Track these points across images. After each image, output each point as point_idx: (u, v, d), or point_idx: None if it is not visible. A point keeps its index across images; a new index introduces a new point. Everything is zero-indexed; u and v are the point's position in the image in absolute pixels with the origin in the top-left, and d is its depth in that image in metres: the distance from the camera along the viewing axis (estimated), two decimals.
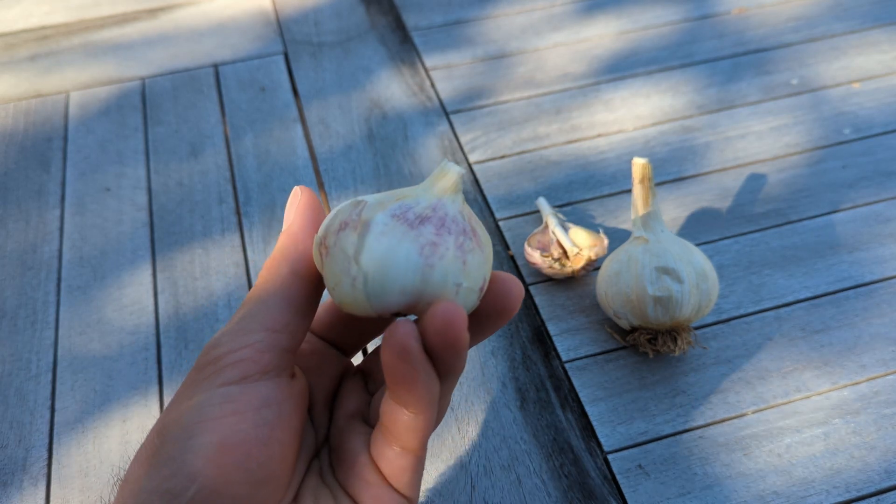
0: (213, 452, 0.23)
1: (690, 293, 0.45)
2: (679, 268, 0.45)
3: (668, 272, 0.45)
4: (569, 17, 0.78)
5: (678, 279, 0.45)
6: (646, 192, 0.48)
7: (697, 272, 0.46)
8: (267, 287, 0.26)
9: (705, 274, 0.46)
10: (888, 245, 0.56)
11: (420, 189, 0.25)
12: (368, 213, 0.24)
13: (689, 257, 0.46)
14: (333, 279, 0.24)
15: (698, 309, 0.46)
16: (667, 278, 0.45)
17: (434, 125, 0.67)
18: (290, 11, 0.80)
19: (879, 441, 0.45)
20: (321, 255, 0.25)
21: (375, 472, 0.26)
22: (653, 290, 0.45)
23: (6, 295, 0.55)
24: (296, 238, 0.26)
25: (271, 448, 0.24)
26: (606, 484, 0.44)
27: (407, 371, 0.23)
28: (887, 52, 0.72)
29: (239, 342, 0.24)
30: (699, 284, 0.45)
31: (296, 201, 0.27)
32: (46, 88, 0.72)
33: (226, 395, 0.24)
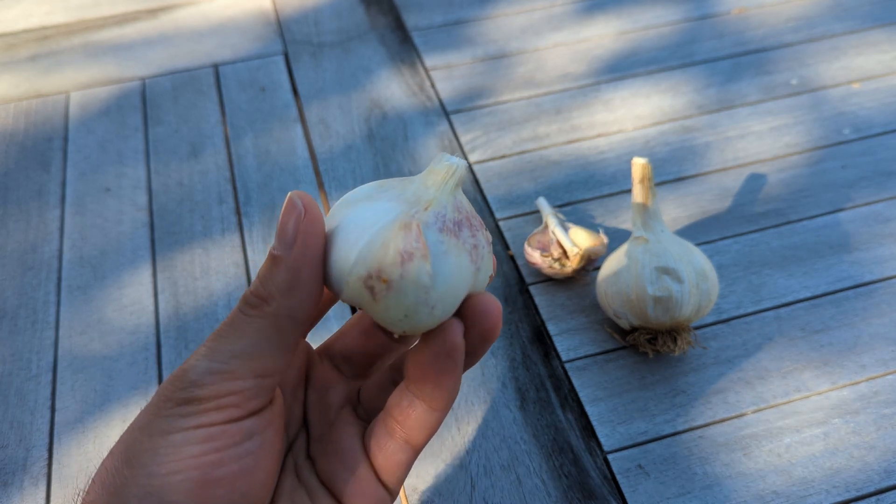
0: (196, 488, 0.22)
1: (690, 293, 0.45)
2: (679, 268, 0.45)
3: (668, 272, 0.45)
4: (569, 17, 0.78)
5: (678, 279, 0.45)
6: (646, 192, 0.48)
7: (697, 272, 0.46)
8: (260, 328, 0.24)
9: (705, 274, 0.46)
10: (888, 245, 0.56)
11: (430, 185, 0.24)
12: (425, 235, 0.23)
13: (689, 257, 0.46)
14: (403, 311, 0.24)
15: (698, 309, 0.46)
16: (667, 278, 0.45)
17: (434, 125, 0.67)
18: (290, 11, 0.80)
19: (879, 441, 0.45)
20: (373, 290, 0.23)
21: (367, 465, 0.26)
22: (653, 290, 0.45)
23: (6, 295, 0.55)
24: (297, 275, 0.23)
25: (255, 475, 0.24)
26: (606, 484, 0.44)
27: (450, 367, 0.24)
28: (887, 52, 0.72)
29: (226, 388, 0.23)
30: (699, 284, 0.45)
31: (294, 216, 0.23)
32: (47, 88, 0.72)
33: (207, 436, 0.23)
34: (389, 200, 0.24)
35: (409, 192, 0.24)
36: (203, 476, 0.22)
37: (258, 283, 0.24)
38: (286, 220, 0.23)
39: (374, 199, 0.24)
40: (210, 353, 0.23)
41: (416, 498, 0.44)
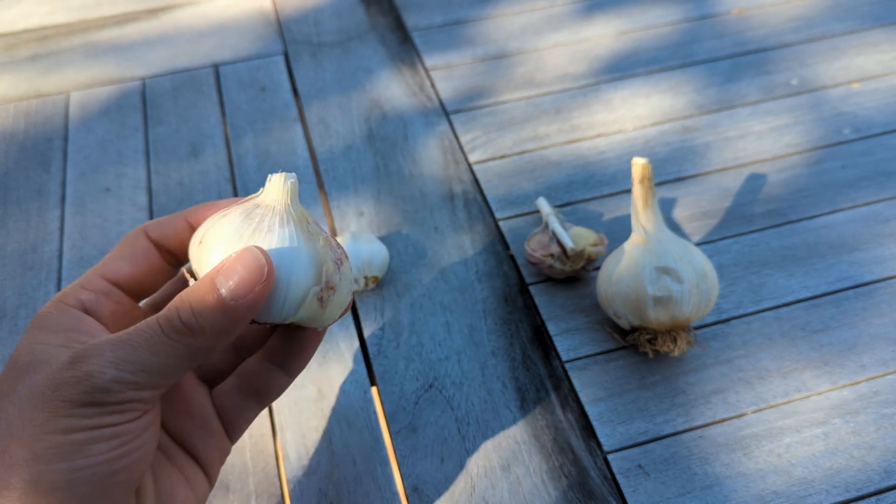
0: (103, 479, 0.25)
1: (690, 293, 0.45)
2: (679, 268, 0.45)
3: (668, 272, 0.45)
4: (569, 17, 0.78)
5: (678, 279, 0.45)
6: (646, 192, 0.48)
7: (697, 272, 0.46)
8: (177, 354, 0.25)
9: (705, 274, 0.46)
10: (888, 245, 0.56)
11: (288, 205, 0.28)
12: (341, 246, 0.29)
13: (689, 257, 0.46)
14: (339, 307, 0.29)
15: (698, 309, 0.46)
16: (667, 278, 0.45)
17: (434, 125, 0.67)
18: (290, 11, 0.80)
19: (879, 441, 0.45)
20: (322, 300, 0.27)
21: (219, 422, 0.31)
22: (653, 290, 0.45)
23: (6, 295, 0.55)
24: (236, 324, 0.26)
25: (149, 457, 0.27)
26: (606, 484, 0.44)
27: (315, 346, 0.31)
28: (887, 52, 0.72)
29: (131, 395, 0.25)
30: (699, 284, 0.45)
31: (257, 279, 0.25)
32: (47, 88, 0.72)
33: (113, 434, 0.25)
34: (277, 227, 0.27)
35: (274, 215, 0.27)
36: (109, 468, 0.25)
37: (191, 315, 0.25)
38: (247, 277, 0.25)
39: (258, 231, 0.27)
40: (119, 362, 0.25)
41: (417, 498, 0.44)
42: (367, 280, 0.53)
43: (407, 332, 0.52)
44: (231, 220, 0.27)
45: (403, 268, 0.56)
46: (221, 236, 0.27)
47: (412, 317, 0.53)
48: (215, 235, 0.27)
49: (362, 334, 0.52)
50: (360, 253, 0.52)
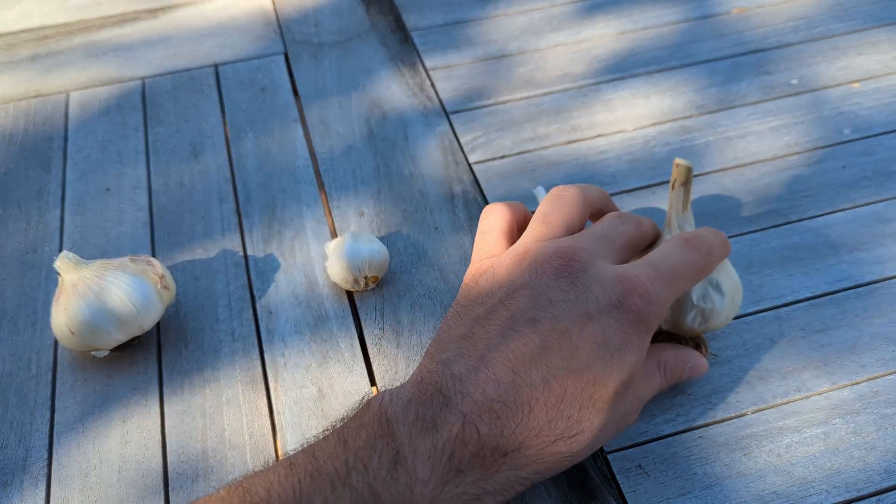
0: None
1: (727, 306, 0.45)
2: (721, 280, 0.45)
3: (713, 284, 0.45)
4: (569, 17, 0.78)
5: (720, 291, 0.45)
6: (687, 196, 0.46)
7: (734, 284, 0.46)
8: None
9: (738, 286, 0.46)
10: (888, 245, 0.56)
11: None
12: None
13: (726, 268, 0.46)
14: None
15: (727, 321, 0.46)
16: (710, 289, 0.45)
17: (434, 125, 0.67)
18: (290, 11, 0.80)
19: (879, 441, 0.45)
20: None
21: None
22: (698, 300, 0.45)
23: (6, 295, 0.55)
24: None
25: None
26: (606, 484, 0.44)
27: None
28: (887, 52, 0.72)
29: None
30: (734, 297, 0.46)
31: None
32: (47, 88, 0.72)
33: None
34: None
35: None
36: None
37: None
38: (691, 375, 0.46)
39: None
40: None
41: None
42: (367, 280, 0.53)
43: (407, 332, 0.52)
44: None
45: (403, 268, 0.56)
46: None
47: (412, 317, 0.53)
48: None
49: (362, 334, 0.52)
50: (360, 253, 0.52)
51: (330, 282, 0.55)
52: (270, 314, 0.53)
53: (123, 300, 0.48)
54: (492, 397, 0.33)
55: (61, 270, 0.49)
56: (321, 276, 0.55)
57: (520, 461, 0.34)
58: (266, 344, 0.52)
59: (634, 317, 0.36)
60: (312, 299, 0.54)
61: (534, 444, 0.34)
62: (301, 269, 0.56)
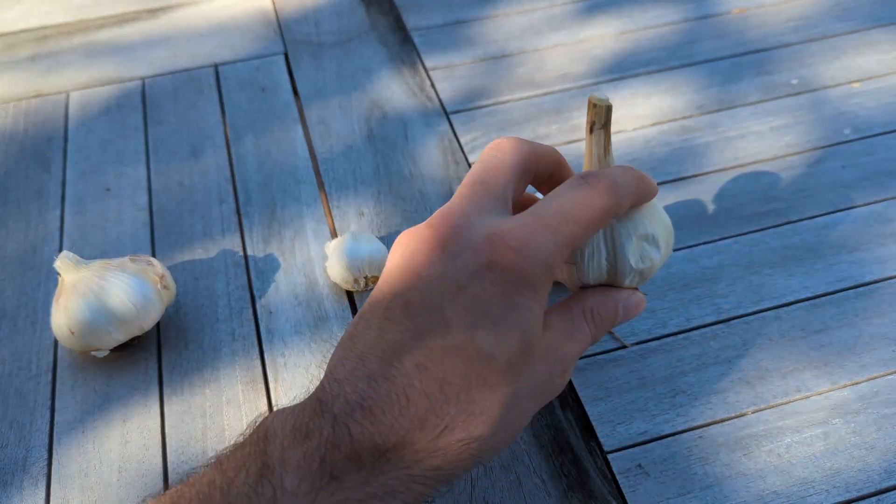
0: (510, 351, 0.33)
1: (663, 255, 0.40)
2: (656, 232, 0.39)
3: (647, 239, 0.39)
4: (569, 17, 0.78)
5: (656, 244, 0.39)
6: (607, 140, 0.38)
7: (666, 229, 0.40)
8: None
9: (670, 229, 0.40)
10: (888, 245, 0.56)
11: None
12: None
13: (656, 213, 0.39)
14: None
15: (661, 266, 0.41)
16: (646, 246, 0.39)
17: (434, 125, 0.67)
18: (290, 11, 0.80)
19: (879, 441, 0.45)
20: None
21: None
22: (636, 262, 0.38)
23: (6, 295, 0.55)
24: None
25: None
26: (606, 484, 0.44)
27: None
28: (887, 52, 0.72)
29: (558, 274, 0.38)
30: (668, 243, 0.40)
31: None
32: (46, 88, 0.72)
33: (535, 314, 0.33)
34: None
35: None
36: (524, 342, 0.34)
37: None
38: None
39: None
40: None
41: None
42: (367, 280, 0.53)
43: None
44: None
45: None
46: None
47: None
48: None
49: None
50: (360, 253, 0.52)
51: (330, 282, 0.55)
52: (270, 314, 0.53)
53: (123, 300, 0.48)
54: (364, 394, 0.30)
55: (61, 270, 0.49)
56: (321, 276, 0.55)
57: (407, 458, 0.30)
58: (266, 344, 0.52)
59: (513, 275, 0.31)
60: (312, 299, 0.54)
61: (420, 438, 0.30)
62: (301, 269, 0.56)
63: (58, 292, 0.49)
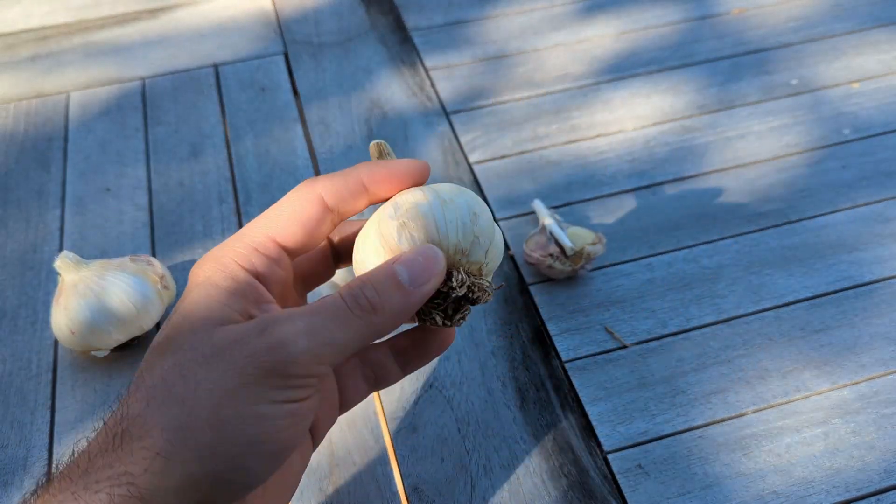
0: (272, 456, 0.26)
1: (448, 225, 0.30)
2: (427, 193, 0.30)
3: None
4: (569, 17, 0.78)
5: (429, 201, 0.30)
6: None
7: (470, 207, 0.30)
8: (359, 330, 0.26)
9: (477, 212, 0.31)
10: (888, 245, 0.56)
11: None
12: None
13: (454, 194, 0.31)
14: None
15: (470, 251, 0.32)
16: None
17: (434, 125, 0.67)
18: (290, 11, 0.80)
19: (879, 441, 0.45)
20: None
21: (337, 393, 0.32)
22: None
23: (6, 295, 0.55)
24: (410, 309, 0.27)
25: (309, 437, 0.30)
26: (606, 484, 0.44)
27: (436, 354, 0.33)
28: (887, 52, 0.72)
29: (315, 370, 0.25)
30: (455, 198, 0.30)
31: (436, 273, 0.27)
32: (47, 88, 0.72)
33: (290, 412, 0.25)
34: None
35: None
36: (281, 447, 0.25)
37: (374, 291, 0.26)
38: (427, 268, 0.27)
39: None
40: (310, 333, 0.25)
41: (417, 498, 0.44)
42: None
43: None
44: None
45: None
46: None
47: None
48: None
49: None
50: None
51: (330, 282, 0.55)
52: None
53: (123, 300, 0.48)
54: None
55: (61, 270, 0.49)
56: None
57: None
58: None
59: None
60: (311, 299, 0.54)
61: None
62: None
63: (58, 292, 0.49)
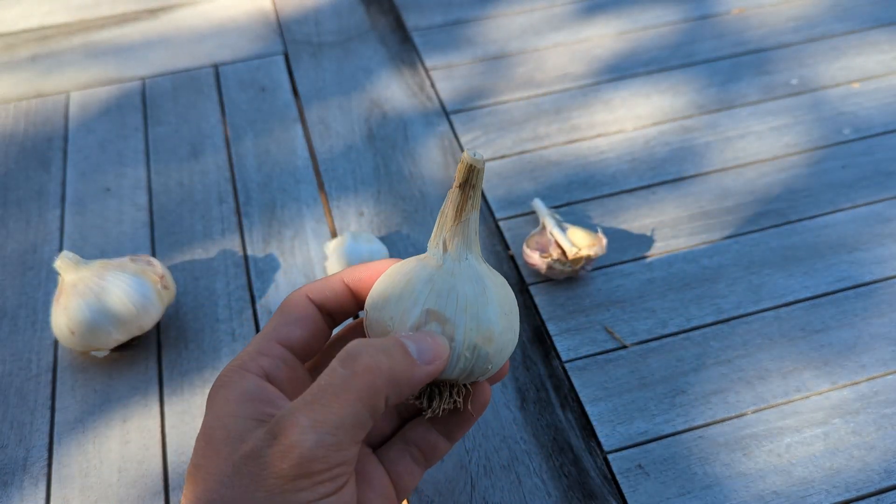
0: None
1: (458, 356, 0.31)
2: (456, 321, 0.31)
3: (440, 321, 0.31)
4: (569, 17, 0.78)
5: (450, 336, 0.31)
6: (464, 200, 0.32)
7: (481, 332, 0.31)
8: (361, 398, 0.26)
9: (490, 337, 0.32)
10: (888, 245, 0.56)
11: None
12: None
13: (478, 310, 0.32)
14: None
15: (468, 374, 0.32)
16: (436, 328, 0.31)
17: (434, 125, 0.67)
18: (290, 11, 0.80)
19: (879, 441, 0.45)
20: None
21: (390, 484, 0.32)
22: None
23: (6, 295, 0.55)
24: (417, 385, 0.28)
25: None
26: (606, 484, 0.44)
27: (475, 416, 0.34)
28: (887, 52, 0.72)
29: (336, 458, 0.26)
30: (477, 348, 0.31)
31: (444, 357, 0.29)
32: (47, 88, 0.72)
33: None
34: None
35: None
36: None
37: (378, 353, 0.27)
38: (432, 341, 0.29)
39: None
40: (315, 424, 0.25)
41: (416, 498, 0.44)
42: None
43: None
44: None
45: None
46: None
47: None
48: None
49: None
50: (359, 253, 0.52)
51: None
52: (270, 314, 0.53)
53: (123, 300, 0.48)
54: None
55: (61, 270, 0.49)
56: (321, 276, 0.55)
57: None
58: None
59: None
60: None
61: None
62: (301, 269, 0.56)
63: (58, 292, 0.49)
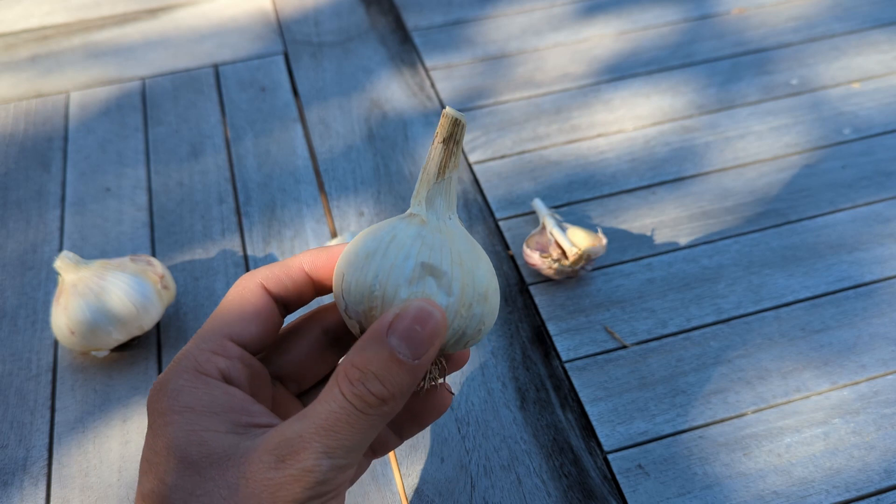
0: None
1: (456, 314, 0.29)
2: (453, 275, 0.30)
3: (436, 275, 0.29)
4: (569, 17, 0.78)
5: (447, 290, 0.29)
6: (447, 156, 0.32)
7: (477, 288, 0.30)
8: (373, 424, 0.26)
9: (486, 295, 0.30)
10: (888, 245, 0.56)
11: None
12: None
13: (472, 265, 0.30)
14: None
15: (459, 338, 0.30)
16: (431, 283, 0.29)
17: (434, 125, 0.67)
18: (290, 11, 0.80)
19: (879, 441, 0.45)
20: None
21: None
22: (408, 293, 0.29)
23: (6, 295, 0.55)
24: (417, 379, 0.26)
25: None
26: (606, 484, 0.44)
27: (432, 418, 0.33)
28: (887, 52, 0.72)
29: (343, 477, 0.26)
30: (472, 306, 0.30)
31: (432, 329, 0.26)
32: (47, 88, 0.72)
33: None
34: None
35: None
36: None
37: (379, 384, 0.25)
38: (423, 330, 0.26)
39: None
40: (329, 451, 0.25)
41: (417, 498, 0.44)
42: None
43: None
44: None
45: None
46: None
47: None
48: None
49: None
50: None
51: None
52: None
53: (123, 300, 0.48)
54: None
55: (61, 270, 0.49)
56: None
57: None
58: None
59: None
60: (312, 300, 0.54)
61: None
62: None
63: (58, 292, 0.49)
